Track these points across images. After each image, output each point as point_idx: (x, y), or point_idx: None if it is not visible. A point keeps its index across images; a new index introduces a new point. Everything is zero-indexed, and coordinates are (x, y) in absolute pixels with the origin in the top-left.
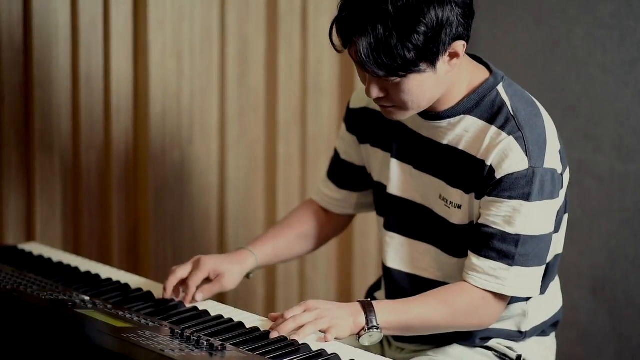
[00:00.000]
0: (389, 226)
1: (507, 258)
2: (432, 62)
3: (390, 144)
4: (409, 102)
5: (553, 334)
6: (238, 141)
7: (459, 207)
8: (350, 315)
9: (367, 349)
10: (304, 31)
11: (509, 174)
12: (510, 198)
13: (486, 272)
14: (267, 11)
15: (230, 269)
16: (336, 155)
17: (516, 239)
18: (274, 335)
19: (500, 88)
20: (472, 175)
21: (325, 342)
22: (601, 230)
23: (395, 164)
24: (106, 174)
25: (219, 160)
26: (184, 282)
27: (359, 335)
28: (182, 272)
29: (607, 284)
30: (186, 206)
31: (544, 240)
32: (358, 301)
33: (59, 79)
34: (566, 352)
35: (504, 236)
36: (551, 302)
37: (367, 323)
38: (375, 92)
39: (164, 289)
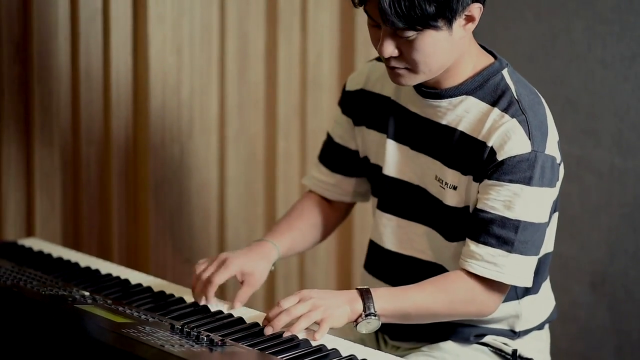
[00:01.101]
0: (385, 207)
1: (506, 244)
2: (450, 20)
3: (387, 125)
4: (421, 62)
5: (546, 326)
6: (238, 136)
7: (454, 188)
8: (347, 303)
9: (365, 344)
10: (303, 26)
11: (511, 157)
12: (511, 182)
13: (485, 259)
14: (267, 6)
15: (258, 267)
16: (329, 139)
17: (516, 225)
18: (268, 330)
19: (505, 73)
20: (472, 156)
21: (314, 340)
22: (601, 225)
23: (391, 145)
24: (106, 169)
25: (218, 155)
26: (207, 281)
27: (356, 322)
28: (206, 272)
29: (606, 279)
30: (186, 201)
31: (541, 229)
32: (356, 289)
33: (59, 74)
34: (566, 347)
35: (504, 221)
36: (545, 302)
37: (364, 310)
38: (390, 49)
39: (206, 297)
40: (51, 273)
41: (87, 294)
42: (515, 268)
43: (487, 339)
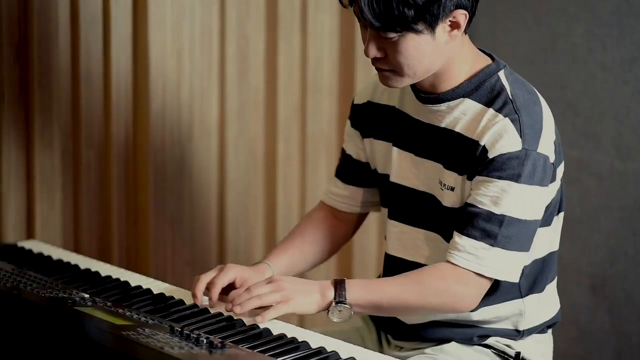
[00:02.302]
0: (393, 215)
1: (489, 238)
2: (431, 25)
3: (392, 134)
4: (405, 65)
5: (550, 331)
6: (238, 139)
7: (452, 189)
8: (317, 291)
9: (366, 347)
10: (303, 30)
11: (501, 154)
12: (499, 178)
13: (467, 251)
14: (267, 10)
15: (254, 277)
16: (342, 152)
17: (501, 219)
18: (237, 309)
19: (501, 74)
20: (466, 156)
21: (258, 321)
22: (601, 228)
23: (396, 153)
24: (106, 171)
25: (218, 158)
26: (210, 285)
27: (328, 310)
28: (207, 277)
29: (606, 282)
30: (186, 204)
31: (529, 227)
32: (333, 279)
33: (59, 77)
34: (566, 350)
35: (489, 216)
36: (550, 303)
37: (335, 298)
38: (373, 50)
39: (194, 295)
40: (51, 275)
41: (87, 296)
42: (497, 262)
43: (490, 340)
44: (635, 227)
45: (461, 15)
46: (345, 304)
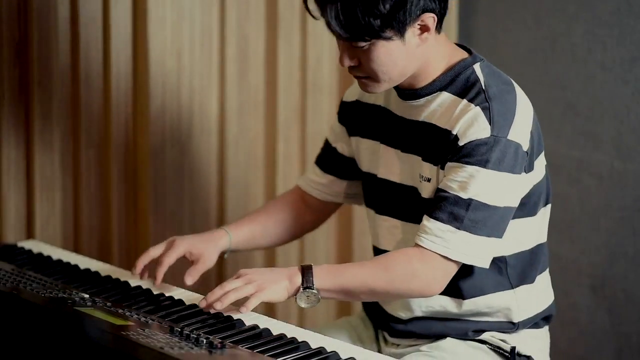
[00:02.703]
0: (382, 211)
1: (455, 221)
2: (400, 31)
3: (379, 132)
4: (379, 72)
5: (546, 327)
6: (237, 139)
7: (429, 180)
8: (286, 278)
9: (363, 345)
10: (303, 29)
11: (470, 141)
12: (468, 163)
13: (434, 234)
14: (267, 9)
15: (206, 248)
16: (326, 143)
17: (467, 203)
18: (202, 303)
19: (476, 67)
20: (440, 146)
21: (244, 311)
22: (600, 228)
23: (384, 150)
24: (105, 171)
25: (218, 158)
26: (156, 263)
27: (296, 296)
28: (155, 251)
29: (606, 282)
30: (185, 204)
31: (498, 213)
32: (300, 266)
33: (59, 77)
34: (566, 350)
35: (457, 200)
36: (542, 295)
37: (302, 284)
38: (347, 60)
39: (134, 266)
40: (51, 275)
41: (86, 296)
42: (463, 245)
43: (486, 335)
44: (636, 227)
45: (429, 19)
46: (312, 289)
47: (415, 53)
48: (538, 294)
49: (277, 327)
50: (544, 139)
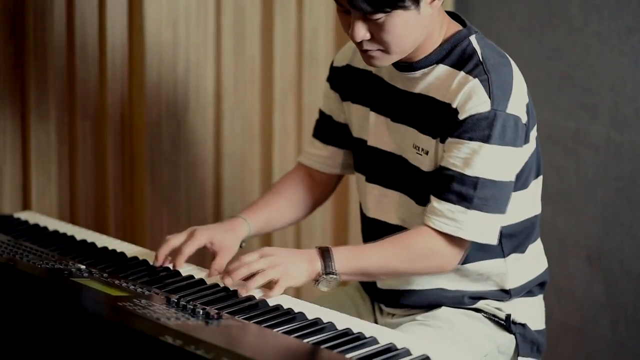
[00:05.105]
0: (371, 179)
1: (465, 201)
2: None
3: (370, 99)
4: (393, 43)
5: (540, 296)
6: (234, 111)
7: (427, 153)
8: (306, 262)
9: (360, 315)
10: (299, 1)
11: (471, 115)
12: (470, 139)
13: (445, 215)
14: None
15: (227, 237)
16: (321, 114)
17: (474, 182)
18: (227, 281)
19: (472, 39)
20: (439, 119)
21: (268, 298)
22: (597, 199)
23: (373, 117)
24: (101, 142)
25: (214, 130)
26: (176, 252)
27: (316, 281)
28: (175, 241)
29: (602, 253)
30: (182, 176)
31: (504, 188)
32: (316, 247)
33: (54, 49)
34: (561, 321)
35: (463, 178)
36: (533, 262)
37: (324, 269)
38: (362, 33)
39: (156, 257)
40: (47, 246)
41: (83, 267)
42: (475, 224)
43: (481, 304)
44: (632, 198)
45: None
46: (334, 274)
47: (427, 22)
48: (529, 261)
49: (273, 298)
50: (540, 110)
